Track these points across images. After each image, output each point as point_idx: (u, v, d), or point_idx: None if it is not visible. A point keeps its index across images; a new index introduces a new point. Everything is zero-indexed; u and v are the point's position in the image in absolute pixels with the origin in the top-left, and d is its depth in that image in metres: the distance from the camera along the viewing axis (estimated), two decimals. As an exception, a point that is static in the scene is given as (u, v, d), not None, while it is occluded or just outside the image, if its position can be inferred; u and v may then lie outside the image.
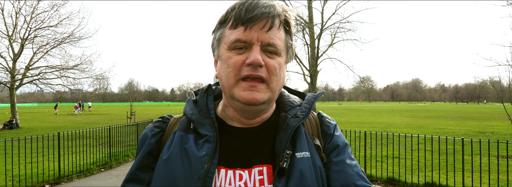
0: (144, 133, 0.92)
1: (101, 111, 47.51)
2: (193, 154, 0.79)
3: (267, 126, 0.86)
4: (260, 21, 0.74)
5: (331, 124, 0.92)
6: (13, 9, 18.77)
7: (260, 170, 0.80)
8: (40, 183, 6.38)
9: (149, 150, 0.87)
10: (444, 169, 6.68)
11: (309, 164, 0.80)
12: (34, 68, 19.78)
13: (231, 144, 0.83)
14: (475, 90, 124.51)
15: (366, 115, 32.40)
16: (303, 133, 0.85)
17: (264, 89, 0.77)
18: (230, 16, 0.77)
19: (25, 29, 19.17)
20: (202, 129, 0.83)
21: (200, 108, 0.87)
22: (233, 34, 0.76)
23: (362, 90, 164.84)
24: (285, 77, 0.84)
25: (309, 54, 17.16)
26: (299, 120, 0.84)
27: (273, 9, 0.74)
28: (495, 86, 12.74)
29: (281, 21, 0.77)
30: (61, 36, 19.46)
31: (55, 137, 6.90)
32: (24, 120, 24.92)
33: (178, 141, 0.83)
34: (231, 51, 0.77)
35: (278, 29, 0.76)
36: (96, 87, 27.92)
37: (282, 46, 0.79)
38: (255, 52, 0.74)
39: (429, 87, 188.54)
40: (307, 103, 0.90)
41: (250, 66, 0.75)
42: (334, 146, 0.88)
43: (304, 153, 0.81)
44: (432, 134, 7.29)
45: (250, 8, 0.73)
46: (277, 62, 0.78)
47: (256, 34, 0.74)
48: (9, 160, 7.95)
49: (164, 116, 0.95)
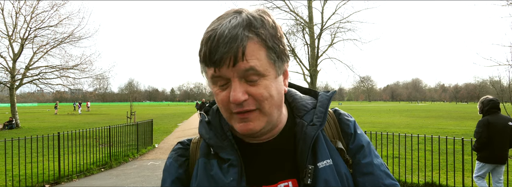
0: (169, 163, 0.91)
1: (101, 111, 47.51)
2: (220, 181, 0.79)
3: (284, 136, 0.84)
4: (224, 62, 0.71)
5: (350, 121, 0.89)
6: (13, 9, 18.79)
7: (285, 185, 0.80)
8: (40, 183, 6.38)
9: (179, 181, 0.88)
10: (444, 169, 6.68)
11: (332, 173, 0.79)
12: (34, 68, 19.78)
13: (253, 162, 0.83)
14: (475, 90, 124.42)
15: (366, 115, 32.40)
16: (322, 140, 0.83)
17: (257, 116, 0.75)
18: (200, 57, 0.75)
19: (25, 29, 19.20)
20: (223, 153, 0.82)
21: (216, 130, 0.86)
22: (210, 71, 0.75)
23: (362, 90, 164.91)
24: (282, 89, 0.80)
25: (309, 54, 17.14)
26: (316, 128, 0.82)
27: (234, 43, 0.69)
28: (495, 86, 12.74)
29: (245, 48, 0.71)
30: (61, 36, 19.48)
31: (55, 137, 6.90)
32: (24, 120, 24.92)
33: (203, 169, 0.83)
34: (215, 86, 0.76)
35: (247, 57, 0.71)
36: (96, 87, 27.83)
37: (263, 64, 0.73)
38: (234, 90, 0.72)
39: (429, 87, 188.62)
40: (321, 106, 0.86)
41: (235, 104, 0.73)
42: (358, 146, 0.86)
43: (326, 161, 0.79)
44: (432, 134, 7.29)
45: (212, 50, 0.71)
46: (263, 86, 0.73)
47: (228, 70, 0.72)
48: (9, 160, 7.95)
49: (183, 142, 0.94)
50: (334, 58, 17.74)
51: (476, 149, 4.81)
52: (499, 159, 4.63)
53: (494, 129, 4.60)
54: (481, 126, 4.70)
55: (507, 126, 4.63)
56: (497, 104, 4.77)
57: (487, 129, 4.62)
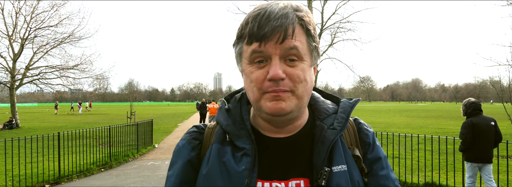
0: (182, 145, 0.90)
1: (101, 111, 47.51)
2: (232, 169, 0.79)
3: (303, 135, 0.84)
4: (273, 36, 0.73)
5: (369, 132, 0.90)
6: (13, 9, 18.79)
7: (297, 183, 0.79)
8: (40, 183, 6.38)
9: (191, 163, 0.86)
10: (444, 169, 6.68)
11: (346, 178, 0.79)
12: (34, 68, 19.79)
13: (267, 156, 0.82)
14: (475, 90, 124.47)
15: (366, 115, 32.39)
16: (340, 145, 0.83)
17: (290, 97, 0.75)
18: (245, 32, 0.76)
19: (25, 29, 19.20)
20: (239, 141, 0.82)
21: (235, 118, 0.86)
22: (250, 48, 0.76)
23: (362, 90, 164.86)
24: (313, 80, 0.82)
25: (309, 54, 17.14)
26: (336, 132, 0.82)
27: (285, 19, 0.73)
28: (495, 86, 12.74)
29: (295, 28, 0.75)
30: (61, 36, 19.49)
31: (55, 137, 6.90)
32: (24, 120, 24.92)
33: (216, 155, 0.82)
34: (252, 65, 0.77)
35: (293, 37, 0.74)
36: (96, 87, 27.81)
37: (304, 49, 0.77)
38: (274, 66, 0.73)
39: (429, 87, 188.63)
40: (343, 112, 0.87)
41: (272, 81, 0.74)
42: (377, 157, 0.86)
43: (341, 166, 0.79)
44: (432, 134, 7.29)
45: (262, 23, 0.73)
46: (300, 68, 0.76)
47: (272, 46, 0.74)
48: (9, 160, 7.95)
49: (199, 126, 0.93)
50: (334, 58, 17.72)
51: (462, 150, 5.02)
52: (485, 158, 4.82)
53: (478, 129, 4.80)
54: (466, 127, 4.90)
55: (490, 126, 4.83)
56: (479, 106, 5.01)
57: (471, 130, 4.82)
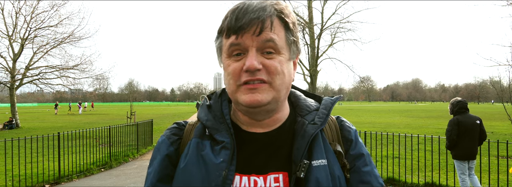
0: (161, 140, 0.90)
1: (101, 111, 47.51)
2: (210, 161, 0.79)
3: (283, 131, 0.84)
4: (250, 28, 0.73)
5: (351, 129, 0.91)
6: (13, 9, 18.79)
7: (276, 177, 0.79)
8: (40, 183, 6.38)
9: (169, 158, 0.86)
10: (444, 169, 6.68)
11: (325, 173, 0.79)
12: (34, 68, 19.78)
13: (246, 150, 0.82)
14: (475, 90, 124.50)
15: (366, 115, 32.39)
16: (321, 140, 0.84)
17: (266, 89, 0.76)
18: (224, 25, 0.77)
19: (25, 29, 19.20)
20: (218, 135, 0.82)
21: (215, 113, 0.86)
22: (228, 41, 0.77)
23: (362, 90, 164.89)
24: (292, 74, 0.82)
25: (309, 54, 17.13)
26: (317, 127, 0.83)
27: (263, 12, 0.74)
28: (495, 86, 12.74)
29: (273, 20, 0.75)
30: (61, 36, 19.48)
31: (55, 137, 6.90)
32: (24, 120, 24.92)
33: (194, 148, 0.83)
34: (230, 59, 0.78)
35: (271, 30, 0.75)
36: (96, 87, 27.90)
37: (281, 42, 0.77)
38: (251, 57, 0.74)
39: (429, 87, 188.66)
40: (324, 108, 0.88)
41: (248, 72, 0.74)
42: (359, 154, 0.87)
43: (321, 161, 0.80)
44: (432, 134, 7.29)
45: (239, 16, 0.74)
46: (277, 61, 0.76)
47: (249, 39, 0.74)
48: (9, 160, 7.95)
49: (179, 122, 0.94)
50: (334, 58, 17.75)
51: (448, 147, 5.19)
52: (469, 155, 5.02)
53: (464, 127, 5.00)
54: (451, 125, 5.08)
55: (475, 124, 5.02)
56: (465, 105, 5.19)
57: (457, 128, 5.02)
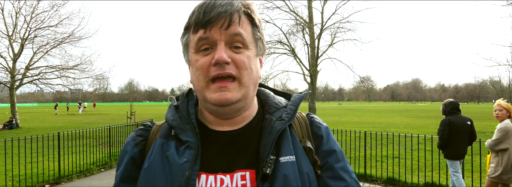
0: (127, 142, 0.89)
1: (101, 111, 47.51)
2: (174, 162, 0.77)
3: (251, 128, 0.84)
4: (218, 21, 0.73)
5: (321, 125, 0.90)
6: (13, 9, 18.82)
7: (242, 175, 0.78)
8: (40, 183, 6.38)
9: (133, 160, 0.85)
10: (444, 169, 6.68)
11: (293, 169, 0.77)
12: (34, 68, 19.79)
13: (213, 149, 0.81)
14: (475, 90, 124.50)
15: (366, 115, 32.39)
16: (289, 136, 0.83)
17: (236, 88, 0.76)
18: (191, 21, 0.77)
19: (25, 29, 19.22)
20: (183, 135, 0.81)
21: (182, 113, 0.86)
22: (196, 36, 0.76)
23: (362, 90, 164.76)
24: (259, 70, 0.82)
25: (309, 54, 17.13)
26: (284, 122, 0.82)
27: (230, 7, 0.74)
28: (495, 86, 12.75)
29: (241, 15, 0.76)
30: (61, 36, 19.50)
31: (55, 137, 6.90)
32: (24, 120, 24.92)
33: (159, 149, 0.82)
34: (198, 54, 0.77)
35: (239, 24, 0.75)
36: (96, 87, 27.91)
37: (249, 38, 0.77)
38: (219, 50, 0.74)
39: (429, 87, 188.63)
40: (292, 104, 0.88)
41: (217, 66, 0.74)
42: (331, 150, 0.85)
43: (288, 157, 0.78)
44: (432, 134, 7.28)
45: (207, 10, 0.74)
46: (245, 55, 0.76)
47: (218, 32, 0.74)
48: (9, 160, 7.95)
49: (146, 124, 0.93)
50: (334, 58, 17.75)
51: (440, 147, 5.31)
52: (460, 155, 5.15)
53: (455, 128, 5.13)
54: (443, 125, 5.21)
55: (466, 125, 5.17)
56: (457, 106, 5.32)
57: (449, 128, 5.13)
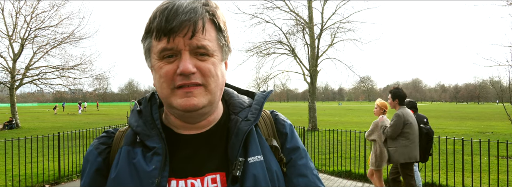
0: (89, 151, 0.85)
1: (101, 111, 47.50)
2: (142, 169, 0.75)
3: (217, 130, 0.83)
4: (181, 30, 0.71)
5: (286, 122, 0.91)
6: (13, 9, 18.81)
7: (213, 178, 0.78)
8: (40, 183, 6.38)
9: (97, 170, 0.82)
10: (444, 169, 6.68)
11: (262, 168, 0.78)
12: (34, 68, 19.79)
13: (181, 153, 0.80)
14: (475, 90, 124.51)
15: (366, 115, 32.38)
16: (255, 136, 0.83)
17: (202, 93, 0.75)
18: (153, 26, 0.73)
19: (25, 29, 19.22)
20: (149, 141, 0.79)
21: (146, 118, 0.83)
22: (160, 44, 0.73)
23: (362, 90, 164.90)
24: (224, 75, 0.81)
25: (309, 54, 17.13)
26: (250, 123, 0.82)
27: (194, 14, 0.71)
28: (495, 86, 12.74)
29: (205, 22, 0.74)
30: (61, 36, 19.50)
31: (55, 137, 6.90)
32: (24, 120, 24.93)
33: (125, 157, 0.79)
34: (161, 61, 0.75)
35: (202, 33, 0.73)
36: (96, 87, 27.94)
37: (214, 46, 0.76)
38: (184, 61, 0.71)
39: (429, 87, 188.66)
40: (257, 104, 0.87)
41: (183, 75, 0.72)
42: (294, 147, 0.86)
43: (256, 157, 0.79)
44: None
45: (169, 18, 0.70)
46: (210, 62, 0.75)
47: (181, 41, 0.72)
48: (9, 160, 7.95)
49: (108, 131, 0.90)
50: (334, 58, 17.74)
51: None
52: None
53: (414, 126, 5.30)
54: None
55: (423, 122, 5.46)
56: (415, 105, 5.76)
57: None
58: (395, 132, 4.77)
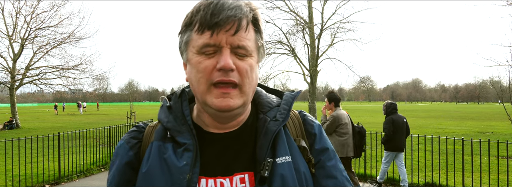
0: (120, 144, 0.87)
1: (101, 111, 47.49)
2: (173, 165, 0.76)
3: (245, 129, 0.83)
4: (226, 25, 0.71)
5: (314, 123, 0.90)
6: (13, 9, 18.83)
7: (241, 177, 0.78)
8: (40, 183, 6.38)
9: (128, 163, 0.83)
10: (444, 169, 6.68)
11: (290, 169, 0.78)
12: (34, 68, 19.80)
13: (210, 152, 0.80)
14: (475, 90, 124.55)
15: (366, 115, 32.38)
16: (284, 136, 0.83)
17: (237, 95, 0.75)
18: (196, 19, 0.73)
19: (25, 29, 19.22)
20: (180, 137, 0.79)
21: (176, 114, 0.83)
22: (201, 39, 0.73)
23: (362, 90, 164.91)
24: (257, 78, 0.81)
25: (309, 54, 17.12)
26: (279, 123, 0.82)
27: (240, 11, 0.72)
28: (495, 86, 12.74)
29: (249, 21, 0.74)
30: (61, 36, 19.49)
31: (55, 137, 6.90)
32: (24, 120, 24.92)
33: (156, 152, 0.80)
34: (200, 55, 0.74)
35: (246, 31, 0.74)
36: (96, 87, 27.85)
37: (253, 46, 0.77)
38: (225, 56, 0.72)
39: (429, 87, 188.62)
40: (285, 104, 0.87)
41: (221, 71, 0.72)
42: (324, 148, 0.86)
43: (284, 157, 0.79)
44: (432, 134, 7.28)
45: (215, 12, 0.70)
46: (248, 64, 0.75)
47: (224, 37, 0.72)
48: (9, 160, 7.95)
49: (139, 125, 0.91)
50: (334, 58, 17.73)
51: (384, 142, 6.13)
52: (400, 148, 6.06)
53: (396, 125, 6.02)
54: (388, 123, 6.09)
55: (403, 122, 6.10)
56: (396, 106, 6.33)
57: (392, 125, 6.01)
58: (328, 131, 5.42)
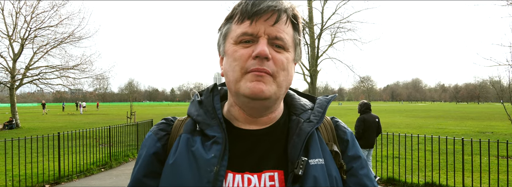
0: (149, 136, 0.87)
1: (101, 111, 47.49)
2: (201, 157, 0.76)
3: (278, 128, 0.83)
4: (266, 14, 0.72)
5: (347, 130, 0.90)
6: (13, 9, 18.79)
7: (271, 175, 0.77)
8: (40, 183, 6.38)
9: (155, 154, 0.83)
10: (444, 169, 6.69)
11: (323, 172, 0.77)
12: (34, 68, 19.77)
13: (239, 147, 0.79)
14: (475, 90, 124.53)
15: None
16: (317, 139, 0.82)
17: (271, 82, 0.74)
18: (237, 11, 0.76)
19: (25, 29, 19.19)
20: (209, 130, 0.79)
21: (206, 108, 0.83)
22: (240, 28, 0.75)
23: (362, 90, 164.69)
24: (293, 74, 0.81)
25: (309, 54, 17.13)
26: (313, 125, 0.81)
27: (280, 4, 0.73)
28: (495, 86, 12.73)
29: (289, 16, 0.75)
30: (61, 36, 19.46)
31: (55, 137, 6.90)
32: (24, 120, 24.91)
33: (184, 144, 0.79)
34: (237, 45, 0.75)
35: (285, 24, 0.75)
36: (96, 87, 27.88)
37: (290, 41, 0.77)
38: (262, 44, 0.72)
39: (429, 87, 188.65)
40: (319, 107, 0.87)
41: (257, 59, 0.72)
42: (356, 156, 0.85)
43: (317, 160, 0.78)
44: (432, 134, 7.29)
45: (256, 2, 0.72)
46: (284, 56, 0.76)
47: (262, 27, 0.73)
48: (9, 160, 7.95)
49: (168, 118, 0.91)
50: (334, 58, 17.74)
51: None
52: (371, 145, 6.45)
53: (368, 123, 6.44)
54: (359, 122, 6.50)
55: (374, 122, 6.53)
56: (370, 106, 6.75)
57: (363, 124, 6.42)
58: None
